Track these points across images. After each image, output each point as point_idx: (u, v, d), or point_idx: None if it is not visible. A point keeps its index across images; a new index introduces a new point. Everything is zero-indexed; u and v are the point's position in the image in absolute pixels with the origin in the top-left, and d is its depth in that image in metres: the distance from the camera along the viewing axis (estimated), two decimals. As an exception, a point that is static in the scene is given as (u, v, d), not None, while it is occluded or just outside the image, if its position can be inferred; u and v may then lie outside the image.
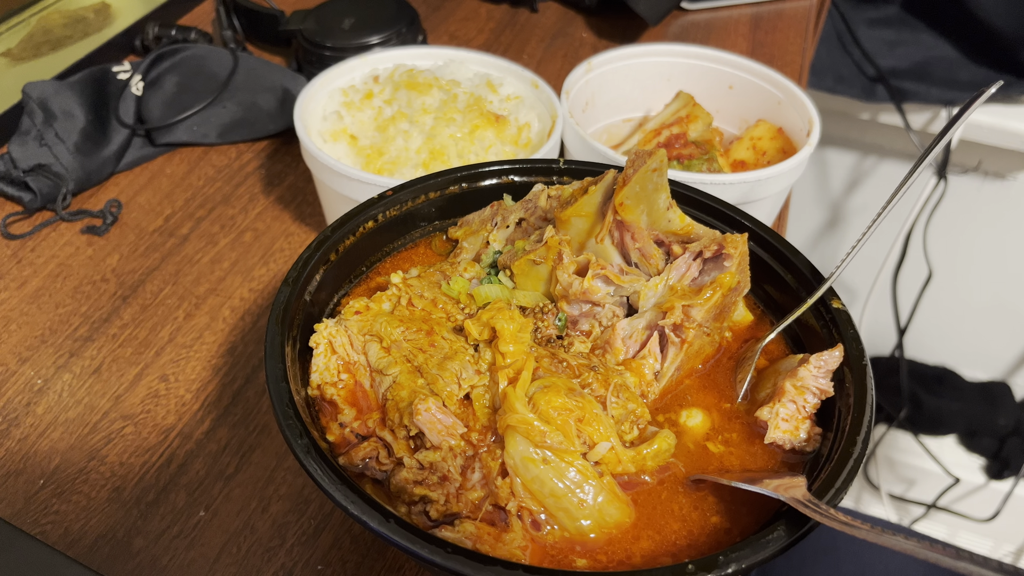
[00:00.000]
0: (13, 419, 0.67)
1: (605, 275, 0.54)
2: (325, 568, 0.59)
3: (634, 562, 0.46)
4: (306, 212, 0.90)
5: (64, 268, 0.81)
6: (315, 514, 0.62)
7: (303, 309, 0.54)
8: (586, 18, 1.26)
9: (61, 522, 0.60)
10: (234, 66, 0.96)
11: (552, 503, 0.46)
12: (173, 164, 0.95)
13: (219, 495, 0.63)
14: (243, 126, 0.97)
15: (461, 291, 0.57)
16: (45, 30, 1.05)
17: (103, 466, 0.64)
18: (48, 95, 0.87)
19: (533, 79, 0.85)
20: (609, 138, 0.95)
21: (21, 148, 0.86)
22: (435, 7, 1.26)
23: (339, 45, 0.99)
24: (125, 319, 0.76)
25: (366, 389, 0.53)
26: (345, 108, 0.82)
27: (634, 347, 0.54)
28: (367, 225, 0.60)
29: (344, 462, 0.49)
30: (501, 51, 1.17)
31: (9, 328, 0.75)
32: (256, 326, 0.77)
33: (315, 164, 0.75)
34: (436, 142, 0.79)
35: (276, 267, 0.83)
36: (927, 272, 1.41)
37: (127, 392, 0.70)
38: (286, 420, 0.46)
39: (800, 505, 0.42)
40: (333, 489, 0.42)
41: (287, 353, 0.50)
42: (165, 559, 0.59)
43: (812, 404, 0.51)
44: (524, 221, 0.61)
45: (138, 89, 0.93)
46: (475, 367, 0.51)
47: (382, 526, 0.41)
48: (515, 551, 0.45)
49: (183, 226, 0.87)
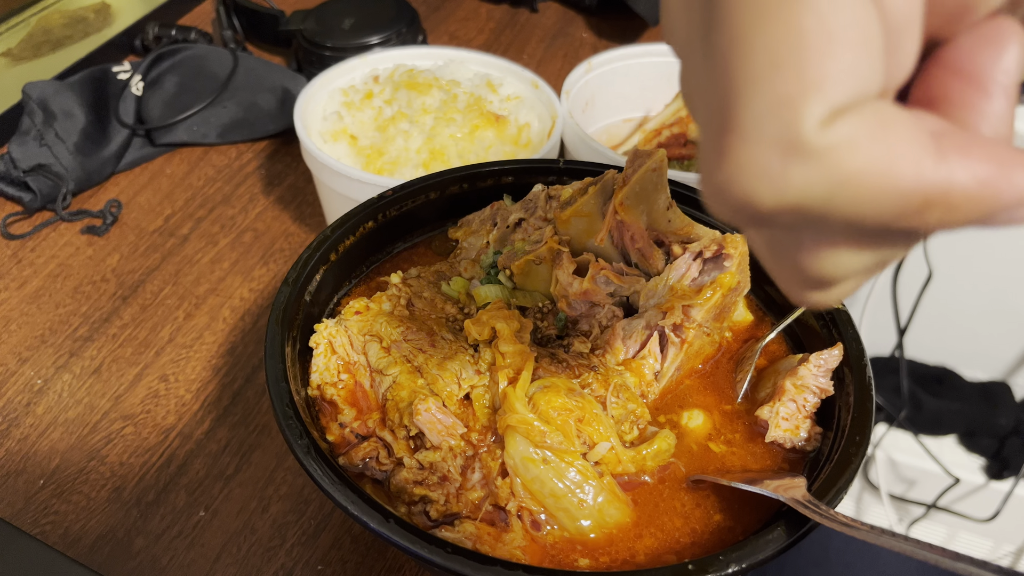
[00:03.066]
0: (13, 419, 0.67)
1: (605, 275, 0.54)
2: (325, 568, 0.59)
3: (638, 560, 0.46)
4: (306, 212, 0.90)
5: (64, 268, 0.81)
6: (315, 514, 0.62)
7: (303, 309, 0.54)
8: (586, 18, 1.26)
9: (61, 522, 0.60)
10: (234, 66, 0.96)
11: (552, 503, 0.46)
12: (173, 164, 0.95)
13: (219, 495, 0.63)
14: (243, 126, 0.97)
15: (461, 291, 0.57)
16: (45, 30, 1.05)
17: (103, 466, 0.64)
18: (48, 95, 0.87)
19: (533, 79, 0.85)
20: (609, 138, 0.95)
21: (21, 148, 0.86)
22: (435, 7, 1.26)
23: (339, 45, 0.99)
24: (125, 319, 0.76)
25: (366, 389, 0.53)
26: (345, 108, 0.82)
27: (634, 347, 0.54)
28: (367, 225, 0.60)
29: (344, 462, 0.49)
30: (501, 51, 1.17)
31: (9, 328, 0.75)
32: (256, 326, 0.77)
33: (315, 164, 0.75)
34: (436, 142, 0.79)
35: (276, 267, 0.83)
36: (927, 272, 1.41)
37: (127, 392, 0.70)
38: (286, 420, 0.46)
39: (800, 506, 0.42)
40: (333, 489, 0.42)
41: (287, 353, 0.50)
42: (165, 559, 0.59)
43: (812, 403, 0.51)
44: (524, 221, 0.61)
45: (138, 89, 0.93)
46: (475, 367, 0.51)
47: (382, 526, 0.41)
48: (515, 551, 0.45)
49: (183, 226, 0.87)
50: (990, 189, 0.20)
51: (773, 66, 0.19)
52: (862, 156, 0.19)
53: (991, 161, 0.20)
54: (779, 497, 0.43)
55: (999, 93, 0.23)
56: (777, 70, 0.19)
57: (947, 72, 0.23)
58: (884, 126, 0.19)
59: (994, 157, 0.20)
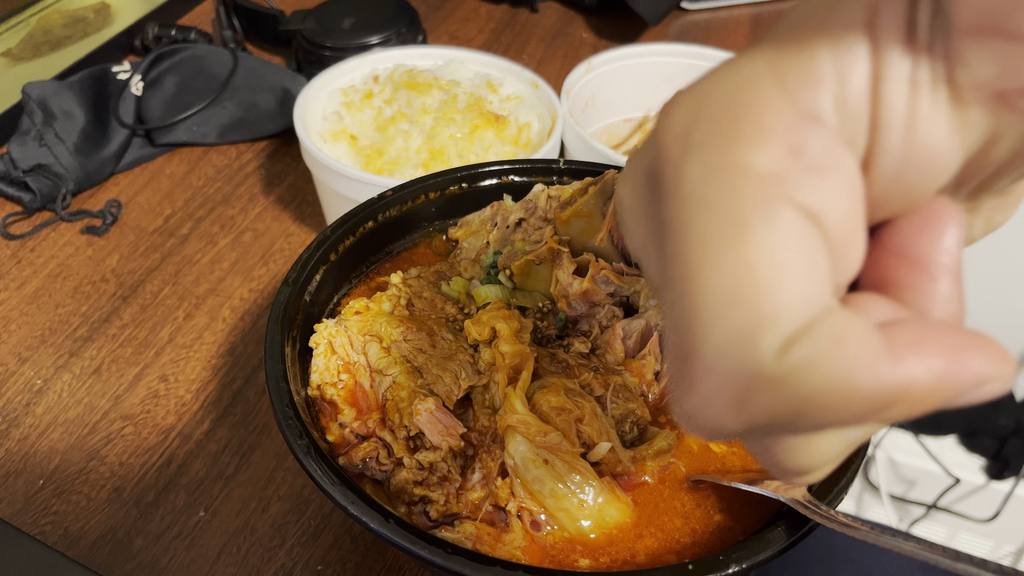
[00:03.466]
0: (13, 419, 0.67)
1: (605, 275, 0.54)
2: (325, 568, 0.59)
3: (638, 560, 0.46)
4: (306, 212, 0.90)
5: (64, 268, 0.81)
6: (315, 514, 0.62)
7: (303, 309, 0.54)
8: (586, 18, 1.26)
9: (61, 522, 0.60)
10: (234, 66, 0.96)
11: (552, 503, 0.46)
12: (173, 164, 0.95)
13: (219, 495, 0.63)
14: (243, 126, 0.97)
15: (461, 291, 0.57)
16: (45, 30, 1.05)
17: (103, 466, 0.64)
18: (48, 95, 0.87)
19: (533, 79, 0.85)
20: (609, 138, 0.95)
21: (21, 148, 0.85)
22: (435, 7, 1.26)
23: (339, 45, 0.99)
24: (125, 319, 0.76)
25: (366, 389, 0.53)
26: (345, 108, 0.82)
27: (634, 347, 0.54)
28: (367, 225, 0.60)
29: (344, 462, 0.49)
30: (501, 51, 1.17)
31: (9, 328, 0.75)
32: (256, 326, 0.77)
33: (315, 164, 0.75)
34: (436, 142, 0.79)
35: (276, 267, 0.83)
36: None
37: (127, 392, 0.70)
38: (286, 420, 0.46)
39: (800, 506, 0.42)
40: (333, 489, 0.42)
41: (287, 353, 0.50)
42: (165, 559, 0.59)
43: (812, 404, 0.51)
44: (524, 221, 0.61)
45: (138, 89, 0.93)
46: (475, 367, 0.51)
47: (382, 526, 0.41)
48: (515, 552, 0.45)
49: (183, 226, 0.87)
50: (947, 379, 0.20)
51: (727, 303, 0.20)
52: (821, 375, 0.20)
53: (943, 353, 0.20)
54: (779, 497, 0.43)
55: (943, 275, 0.23)
56: (731, 307, 0.20)
57: (892, 256, 0.24)
58: (839, 341, 0.20)
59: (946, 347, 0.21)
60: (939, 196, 0.24)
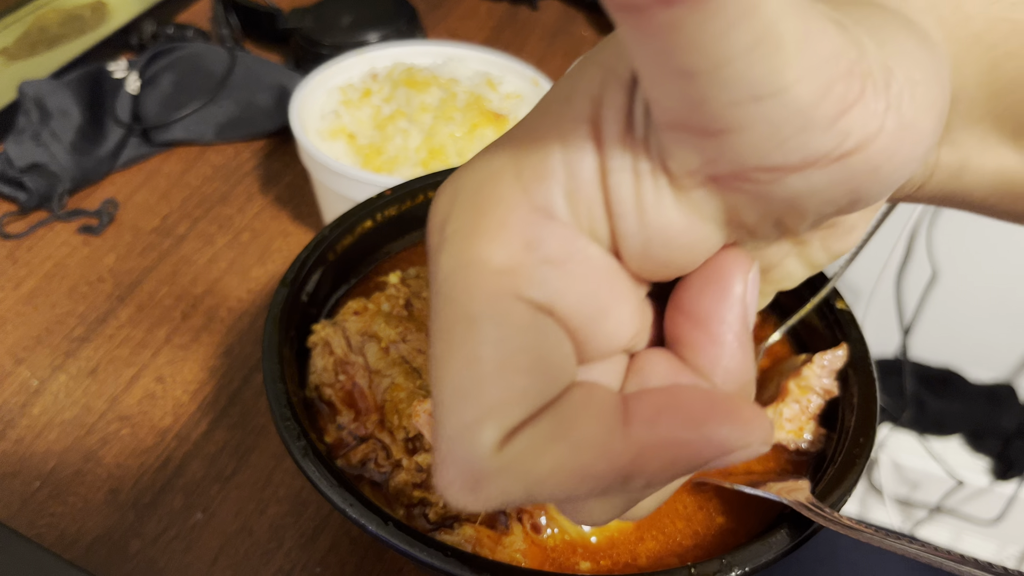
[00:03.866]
0: (9, 420, 0.67)
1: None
2: (323, 571, 0.59)
3: (640, 563, 0.45)
4: (304, 212, 0.89)
5: (60, 268, 0.81)
6: (313, 516, 0.62)
7: (301, 310, 0.54)
8: (587, 15, 1.25)
9: (57, 524, 0.60)
10: (231, 64, 0.96)
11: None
12: (170, 163, 0.94)
13: (216, 497, 0.62)
14: (240, 125, 0.96)
15: (460, 291, 0.57)
16: (41, 28, 1.04)
17: (99, 468, 0.64)
18: (44, 93, 0.87)
19: (534, 76, 0.84)
20: (610, 137, 0.94)
21: (17, 147, 0.85)
22: (434, 5, 1.25)
23: (337, 43, 0.98)
24: (122, 319, 0.76)
25: (364, 390, 0.52)
26: (343, 106, 0.82)
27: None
28: (365, 225, 0.59)
29: (342, 464, 0.49)
30: (501, 49, 1.16)
31: (5, 329, 0.74)
32: (253, 327, 0.76)
33: (312, 163, 0.74)
34: (435, 141, 0.78)
35: (274, 267, 0.82)
36: (931, 272, 1.40)
37: (124, 393, 0.69)
38: (284, 422, 0.45)
39: (803, 509, 0.41)
40: (331, 491, 0.42)
41: (285, 354, 0.50)
42: (162, 561, 0.58)
43: (816, 404, 0.51)
44: (524, 220, 0.60)
45: (134, 88, 0.93)
46: (474, 368, 0.50)
47: (380, 529, 0.40)
48: (515, 554, 0.45)
49: (180, 226, 0.86)
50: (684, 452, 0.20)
51: (456, 397, 0.21)
52: (546, 461, 0.20)
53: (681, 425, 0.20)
54: (782, 500, 0.43)
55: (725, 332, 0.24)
56: (460, 400, 0.21)
57: (679, 314, 0.25)
58: (564, 425, 0.20)
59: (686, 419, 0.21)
60: (728, 249, 0.24)
